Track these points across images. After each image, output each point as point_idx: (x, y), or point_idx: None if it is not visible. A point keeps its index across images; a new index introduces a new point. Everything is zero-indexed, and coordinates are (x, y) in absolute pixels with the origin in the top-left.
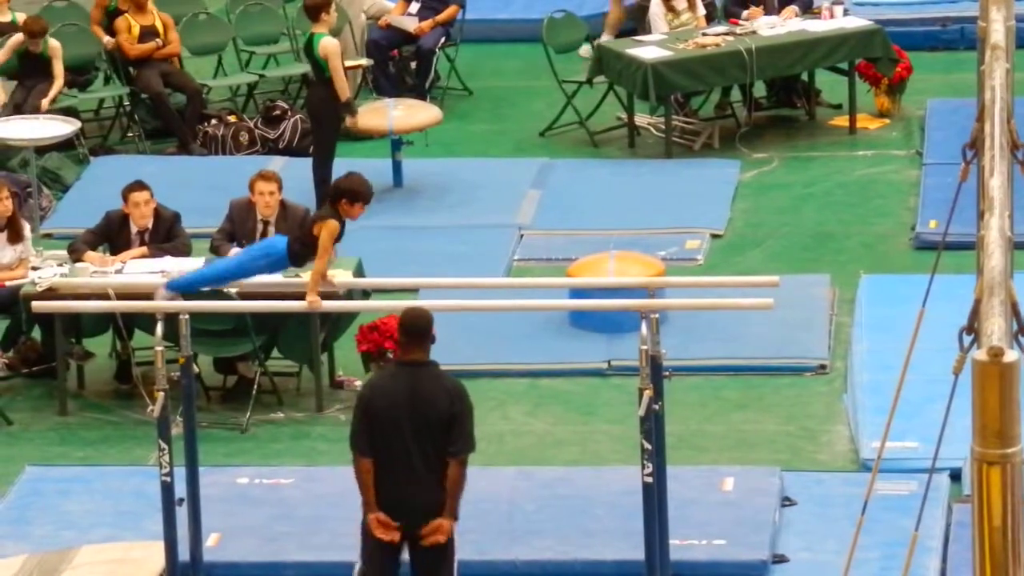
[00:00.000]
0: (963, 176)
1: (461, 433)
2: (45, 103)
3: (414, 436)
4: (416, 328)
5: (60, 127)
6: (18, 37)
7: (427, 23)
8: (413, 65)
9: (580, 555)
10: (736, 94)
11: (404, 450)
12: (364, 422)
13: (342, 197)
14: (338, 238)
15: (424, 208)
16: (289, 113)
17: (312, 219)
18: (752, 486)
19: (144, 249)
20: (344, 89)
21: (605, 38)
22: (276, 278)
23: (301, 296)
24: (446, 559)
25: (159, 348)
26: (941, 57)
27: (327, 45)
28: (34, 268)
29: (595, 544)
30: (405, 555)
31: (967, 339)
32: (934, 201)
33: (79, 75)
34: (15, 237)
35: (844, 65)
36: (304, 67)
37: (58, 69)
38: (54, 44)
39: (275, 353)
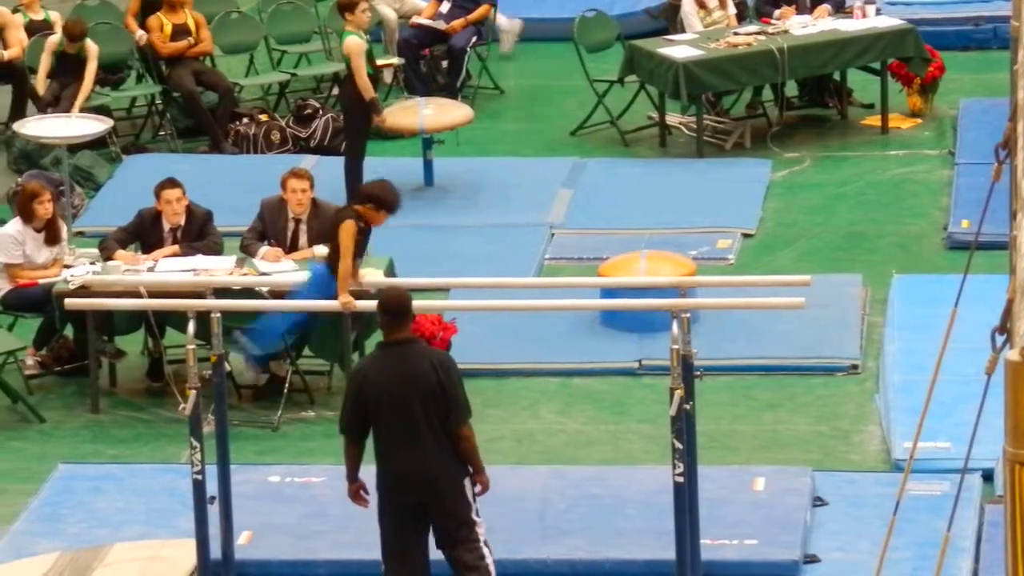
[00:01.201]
0: (996, 176)
1: (454, 404)
2: (76, 107)
3: (412, 411)
4: (397, 308)
5: (92, 125)
6: (55, 38)
7: (458, 22)
8: (444, 64)
9: (611, 554)
10: (768, 93)
11: (407, 426)
12: (355, 407)
13: (369, 202)
14: (365, 239)
15: (455, 207)
16: (321, 112)
17: (334, 221)
18: (784, 486)
19: (176, 247)
20: (366, 88)
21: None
22: (307, 276)
23: (332, 295)
24: (466, 524)
25: (191, 346)
26: (974, 57)
27: (350, 44)
28: (67, 266)
29: (626, 543)
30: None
31: (999, 339)
32: (966, 201)
33: (112, 74)
34: (53, 239)
35: (876, 65)
36: (336, 66)
37: (90, 70)
38: (91, 45)
39: (306, 352)
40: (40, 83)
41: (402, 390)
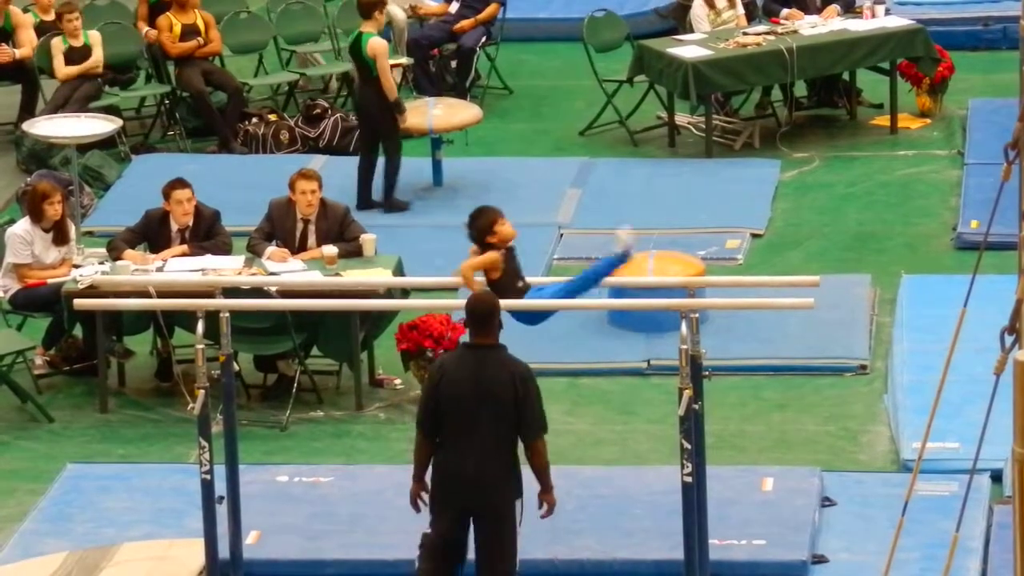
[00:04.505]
0: (1005, 176)
1: (530, 417)
2: (74, 70)
3: (481, 419)
4: (477, 313)
5: (102, 125)
6: (58, 40)
7: (467, 22)
8: (454, 64)
9: (619, 555)
10: (777, 93)
11: (473, 430)
12: (431, 403)
13: (485, 235)
14: (514, 257)
15: (464, 207)
16: (329, 112)
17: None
18: (792, 486)
19: (185, 247)
20: (392, 89)
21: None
22: (316, 276)
23: (341, 295)
24: (508, 537)
25: (199, 346)
26: (983, 57)
27: (376, 45)
28: (75, 266)
29: (634, 544)
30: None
31: (1008, 339)
32: (975, 201)
33: (121, 73)
34: (61, 239)
35: (886, 64)
36: (344, 66)
37: (96, 56)
38: (94, 35)
39: (315, 351)
40: (58, 66)
41: (475, 395)
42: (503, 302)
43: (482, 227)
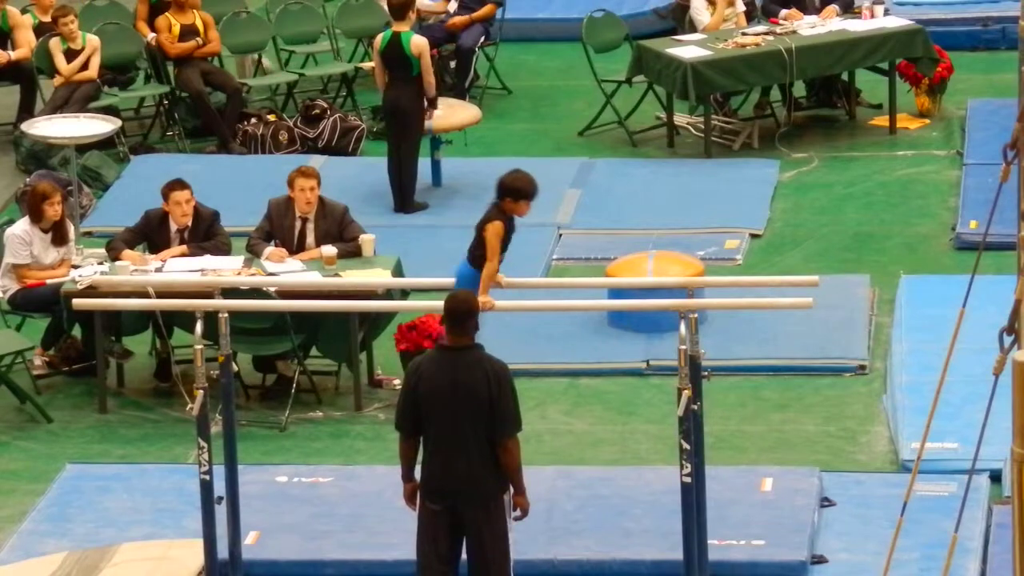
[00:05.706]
0: (1004, 176)
1: (503, 416)
2: (73, 66)
3: (460, 419)
4: (456, 313)
5: (101, 126)
6: (57, 41)
7: (461, 19)
8: (452, 64)
9: (618, 555)
10: (776, 94)
11: (452, 432)
12: (408, 404)
13: (507, 196)
14: (510, 233)
15: (463, 207)
16: (328, 112)
17: (481, 222)
18: (791, 486)
19: (184, 248)
20: (433, 85)
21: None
22: (314, 276)
23: (340, 296)
24: (498, 533)
25: (198, 346)
26: (982, 57)
27: (420, 42)
28: (75, 266)
29: (633, 544)
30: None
31: (1007, 340)
32: (974, 201)
33: (120, 74)
34: (60, 240)
35: (884, 65)
36: (343, 66)
37: (94, 63)
38: (93, 39)
39: (314, 352)
40: (60, 65)
41: (452, 396)
42: (500, 303)
43: (514, 188)
